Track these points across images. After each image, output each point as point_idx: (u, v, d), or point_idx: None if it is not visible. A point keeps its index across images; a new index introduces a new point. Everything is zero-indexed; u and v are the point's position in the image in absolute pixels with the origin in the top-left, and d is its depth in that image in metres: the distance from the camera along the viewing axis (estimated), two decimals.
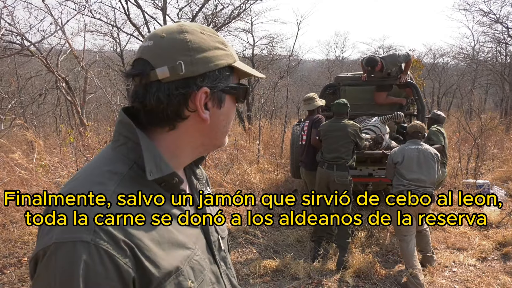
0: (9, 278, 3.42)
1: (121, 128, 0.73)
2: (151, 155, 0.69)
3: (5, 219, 4.30)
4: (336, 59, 29.64)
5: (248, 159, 7.98)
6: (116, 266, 0.60)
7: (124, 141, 0.72)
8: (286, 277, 3.69)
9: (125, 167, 0.69)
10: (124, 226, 0.63)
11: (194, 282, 0.71)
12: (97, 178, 0.67)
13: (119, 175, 0.68)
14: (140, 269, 0.63)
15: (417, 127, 3.82)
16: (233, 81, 0.79)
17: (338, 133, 4.02)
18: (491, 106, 23.60)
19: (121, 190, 0.66)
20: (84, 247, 0.58)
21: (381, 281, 3.61)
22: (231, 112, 0.81)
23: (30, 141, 6.46)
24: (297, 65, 18.23)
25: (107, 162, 0.70)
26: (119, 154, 0.71)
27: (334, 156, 3.99)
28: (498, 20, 14.88)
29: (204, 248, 0.80)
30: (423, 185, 3.53)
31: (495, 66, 16.92)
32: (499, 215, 5.05)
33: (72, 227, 0.59)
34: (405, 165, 3.62)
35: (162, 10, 9.09)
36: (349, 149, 4.02)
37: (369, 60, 5.13)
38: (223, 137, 0.82)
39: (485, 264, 3.96)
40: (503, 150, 9.11)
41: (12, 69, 10.81)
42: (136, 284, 0.62)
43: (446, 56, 20.25)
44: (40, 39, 6.34)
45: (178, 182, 0.73)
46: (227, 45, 0.78)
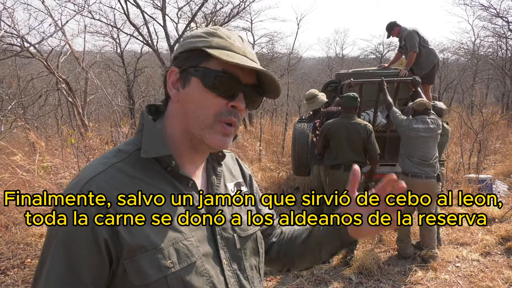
0: (12, 279, 3.42)
1: (141, 117, 0.84)
2: (150, 137, 0.79)
3: (8, 221, 4.31)
4: (336, 56, 29.54)
5: (249, 157, 7.97)
6: (90, 222, 0.69)
7: (141, 128, 0.83)
8: (289, 275, 3.69)
9: (133, 147, 0.80)
10: (109, 191, 0.72)
11: (175, 264, 0.74)
12: (107, 156, 0.79)
13: (125, 153, 0.79)
14: (114, 233, 0.70)
15: (426, 104, 3.85)
16: (211, 67, 0.77)
17: (347, 135, 3.78)
18: (492, 100, 23.50)
19: (121, 164, 0.77)
20: (71, 200, 0.70)
21: (384, 277, 3.61)
22: (201, 96, 0.78)
23: (32, 143, 6.47)
24: (297, 63, 18.18)
25: (122, 144, 0.83)
26: (136, 139, 0.82)
27: (349, 160, 3.77)
28: (498, 14, 14.83)
29: (205, 239, 0.81)
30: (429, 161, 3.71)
31: (496, 60, 16.87)
32: (502, 210, 5.04)
33: (71, 186, 0.73)
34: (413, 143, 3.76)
35: (162, 10, 9.07)
36: (361, 154, 3.83)
37: (388, 23, 5.65)
38: (199, 127, 0.79)
39: (488, 259, 3.95)
40: (505, 145, 9.09)
41: (13, 71, 10.82)
42: (110, 247, 0.70)
43: (447, 51, 20.24)
44: (39, 40, 6.34)
45: (175, 166, 0.78)
46: (215, 34, 0.80)
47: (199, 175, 0.88)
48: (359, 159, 3.81)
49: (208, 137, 0.79)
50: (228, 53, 0.77)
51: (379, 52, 26.50)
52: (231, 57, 0.76)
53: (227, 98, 0.78)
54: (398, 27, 5.54)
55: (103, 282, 0.72)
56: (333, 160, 3.91)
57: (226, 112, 0.78)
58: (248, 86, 0.80)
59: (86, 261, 0.69)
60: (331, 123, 3.92)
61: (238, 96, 0.79)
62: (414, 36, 5.33)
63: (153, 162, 0.79)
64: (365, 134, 3.78)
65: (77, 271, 0.69)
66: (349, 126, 3.81)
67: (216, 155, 0.93)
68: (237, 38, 0.82)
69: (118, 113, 7.59)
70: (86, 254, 0.69)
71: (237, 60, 0.75)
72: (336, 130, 3.84)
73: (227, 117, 0.78)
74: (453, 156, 7.49)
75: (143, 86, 16.62)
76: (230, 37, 0.80)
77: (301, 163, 5.76)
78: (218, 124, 0.78)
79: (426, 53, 5.41)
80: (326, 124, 3.95)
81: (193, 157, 0.85)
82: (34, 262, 3.69)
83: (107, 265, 0.71)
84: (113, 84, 13.57)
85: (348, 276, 3.62)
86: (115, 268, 0.72)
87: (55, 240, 0.70)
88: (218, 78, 0.76)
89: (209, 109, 0.78)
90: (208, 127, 0.78)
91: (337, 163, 3.86)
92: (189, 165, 0.85)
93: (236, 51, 0.78)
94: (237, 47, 0.79)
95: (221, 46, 0.77)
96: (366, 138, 3.78)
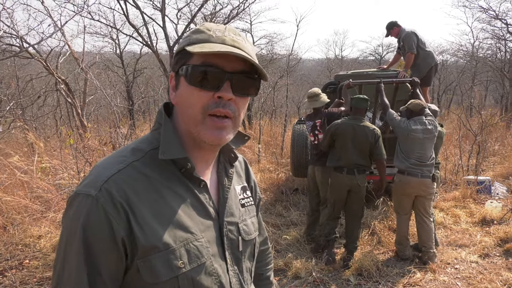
0: (10, 280, 3.41)
1: (158, 116, 0.84)
2: (168, 138, 0.79)
3: (6, 222, 4.29)
4: (335, 57, 29.53)
5: (248, 158, 7.97)
6: (108, 222, 0.70)
7: (157, 127, 0.83)
8: (288, 276, 3.69)
9: (149, 146, 0.80)
10: (126, 191, 0.72)
11: (186, 265, 0.75)
12: (123, 153, 0.79)
13: (142, 152, 0.79)
14: (131, 233, 0.71)
15: (421, 104, 3.86)
16: (192, 63, 0.77)
17: (353, 136, 3.75)
18: (491, 102, 23.53)
19: (138, 164, 0.77)
20: (89, 200, 0.71)
21: (383, 279, 3.60)
22: (188, 94, 0.77)
23: (31, 143, 6.46)
24: (297, 64, 18.15)
25: (137, 142, 0.82)
26: (151, 137, 0.82)
27: (352, 162, 3.76)
28: (497, 16, 14.84)
29: (214, 240, 0.82)
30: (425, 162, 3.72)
31: (495, 62, 16.86)
32: (501, 212, 5.04)
33: (88, 183, 0.73)
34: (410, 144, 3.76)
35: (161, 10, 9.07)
36: (366, 157, 3.81)
37: (388, 22, 5.66)
38: (193, 125, 0.78)
39: (487, 261, 3.95)
40: (504, 147, 9.09)
41: (12, 71, 10.79)
42: (126, 246, 0.71)
43: (446, 53, 20.21)
44: (39, 41, 6.33)
45: (191, 168, 0.79)
46: (198, 31, 0.79)
47: (210, 175, 0.89)
48: (363, 163, 3.79)
49: (202, 133, 0.78)
50: (203, 45, 0.75)
51: (378, 54, 26.51)
52: (202, 47, 0.73)
53: (213, 90, 0.76)
54: (398, 27, 5.55)
55: (119, 279, 0.74)
56: (336, 161, 3.87)
57: (213, 105, 0.76)
58: (234, 73, 0.77)
59: (106, 260, 0.71)
60: (339, 123, 3.85)
61: (224, 86, 0.76)
62: (412, 37, 5.34)
63: (169, 162, 0.79)
64: (372, 138, 3.73)
65: (98, 269, 0.71)
66: (357, 128, 3.76)
67: (228, 155, 0.93)
68: (220, 28, 0.79)
69: (117, 114, 7.57)
70: (107, 253, 0.71)
71: (208, 48, 0.73)
72: (343, 130, 3.79)
73: (214, 109, 0.76)
74: (452, 158, 7.49)
75: (143, 87, 16.63)
76: (210, 29, 0.78)
77: (300, 164, 5.76)
78: (208, 119, 0.77)
79: (424, 55, 5.43)
80: (334, 124, 3.88)
81: (203, 155, 0.85)
82: (32, 263, 3.68)
83: (123, 264, 0.73)
84: (113, 84, 13.55)
85: (347, 278, 3.61)
86: (129, 266, 0.73)
87: (76, 239, 0.71)
88: (198, 72, 0.75)
89: (196, 105, 0.77)
90: (200, 123, 0.77)
91: (340, 165, 3.82)
92: (200, 162, 0.85)
93: (214, 41, 0.76)
94: (216, 37, 0.77)
95: (199, 40, 0.76)
96: (374, 142, 3.73)
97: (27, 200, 4.55)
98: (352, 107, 3.95)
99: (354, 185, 3.78)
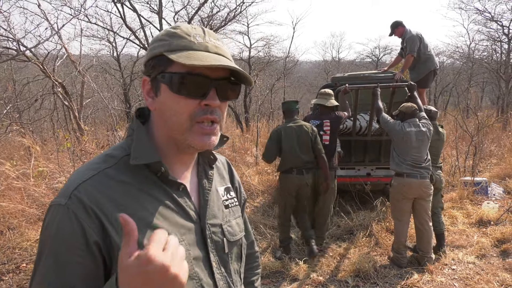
0: (7, 284, 3.40)
1: (132, 123, 0.84)
2: (140, 143, 0.79)
3: (3, 226, 4.28)
4: (332, 60, 29.64)
5: (246, 161, 7.97)
6: (80, 226, 0.70)
7: (131, 133, 0.83)
8: (285, 278, 3.69)
9: (122, 153, 0.80)
10: (97, 197, 0.72)
11: None
12: (96, 161, 0.79)
13: (115, 159, 0.78)
14: (106, 236, 0.71)
15: (413, 106, 3.88)
16: (175, 71, 0.75)
17: (297, 138, 3.94)
18: (487, 104, 23.67)
19: (111, 170, 0.76)
20: (60, 209, 0.71)
21: (380, 280, 3.61)
22: (172, 102, 0.76)
23: (27, 147, 6.43)
24: (294, 66, 18.22)
25: (111, 149, 0.82)
26: (125, 143, 0.82)
27: (301, 162, 3.93)
28: (493, 18, 14.96)
29: (195, 243, 0.82)
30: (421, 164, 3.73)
31: (491, 64, 16.98)
32: (498, 212, 5.06)
33: (60, 194, 0.73)
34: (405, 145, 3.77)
35: (158, 13, 9.09)
36: (311, 155, 3.99)
37: (394, 21, 5.53)
38: (178, 132, 0.78)
39: (484, 261, 3.96)
40: (501, 148, 9.13)
41: (8, 74, 10.77)
42: (102, 249, 0.71)
43: (442, 55, 20.29)
44: (36, 44, 6.33)
45: (165, 172, 0.79)
46: (175, 35, 0.77)
47: (190, 178, 0.88)
48: (310, 159, 3.97)
49: (190, 140, 0.78)
50: (188, 53, 0.74)
51: (375, 56, 26.65)
52: (190, 58, 0.73)
53: (199, 98, 0.76)
54: (403, 27, 5.51)
55: (94, 284, 0.72)
56: (284, 165, 4.02)
57: (200, 112, 0.77)
58: (219, 79, 0.77)
59: (80, 270, 0.70)
60: (280, 129, 4.03)
61: (210, 93, 0.76)
62: (415, 40, 5.35)
63: (143, 167, 0.78)
64: (312, 134, 3.94)
65: (67, 277, 0.69)
66: (298, 128, 3.97)
67: (207, 158, 0.92)
68: (199, 32, 0.79)
69: (115, 117, 7.56)
70: (80, 261, 0.70)
71: (195, 61, 0.73)
72: (288, 133, 3.98)
73: (201, 117, 0.77)
74: (448, 159, 7.52)
75: (140, 90, 16.56)
76: (190, 34, 0.77)
77: None
78: (196, 126, 0.77)
79: (425, 59, 5.43)
80: (276, 131, 4.05)
81: (181, 158, 0.85)
82: (29, 267, 3.66)
83: (101, 268, 0.72)
84: (110, 87, 13.54)
85: (345, 279, 3.61)
86: (109, 270, 0.73)
87: (47, 247, 0.71)
88: (184, 81, 0.75)
89: (183, 113, 0.76)
90: (187, 131, 0.77)
91: (290, 167, 3.97)
92: (179, 166, 0.85)
93: (197, 49, 0.76)
94: (198, 44, 0.76)
95: (180, 47, 0.75)
96: (313, 138, 3.94)
97: (23, 204, 4.53)
98: (285, 111, 4.15)
99: (303, 185, 3.96)
